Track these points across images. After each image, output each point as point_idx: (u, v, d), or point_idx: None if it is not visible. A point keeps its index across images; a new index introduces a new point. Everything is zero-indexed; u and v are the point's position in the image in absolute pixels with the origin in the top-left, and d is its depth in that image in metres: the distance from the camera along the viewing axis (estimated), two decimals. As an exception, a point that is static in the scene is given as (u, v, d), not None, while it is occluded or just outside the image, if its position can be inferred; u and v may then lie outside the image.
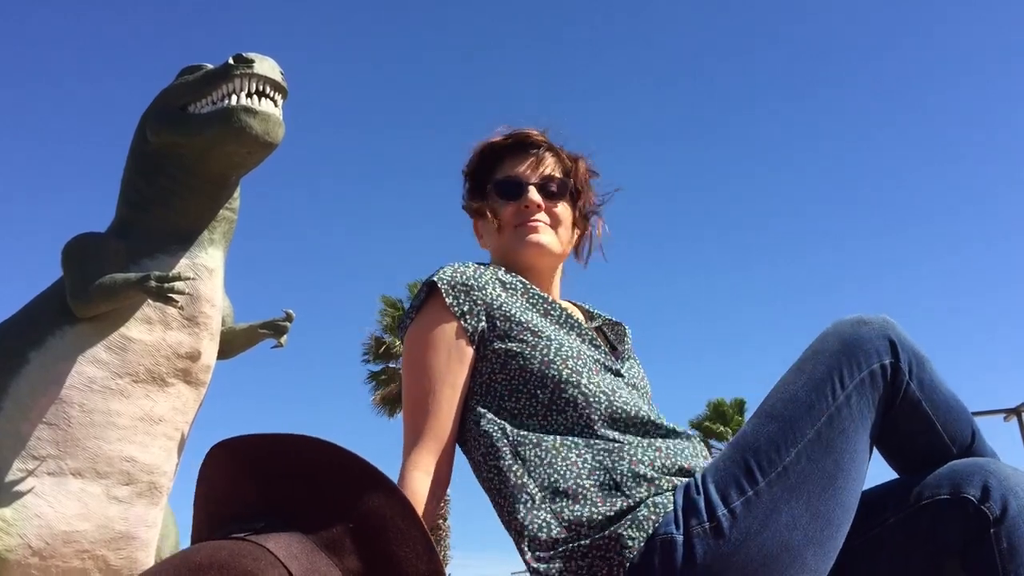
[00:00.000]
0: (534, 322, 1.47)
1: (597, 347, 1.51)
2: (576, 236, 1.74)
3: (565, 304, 1.66)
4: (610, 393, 1.42)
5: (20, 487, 2.84)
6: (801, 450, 1.27)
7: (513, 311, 1.48)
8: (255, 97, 3.00)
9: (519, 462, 1.37)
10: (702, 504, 1.26)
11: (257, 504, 0.85)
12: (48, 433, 2.89)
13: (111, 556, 2.96)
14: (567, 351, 1.44)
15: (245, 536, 0.80)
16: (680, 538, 1.23)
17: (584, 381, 1.41)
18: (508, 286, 1.53)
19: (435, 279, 1.51)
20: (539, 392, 1.41)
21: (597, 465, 1.33)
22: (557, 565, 1.28)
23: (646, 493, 1.30)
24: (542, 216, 1.63)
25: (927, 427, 1.34)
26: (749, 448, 1.30)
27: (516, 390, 1.44)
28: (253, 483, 0.85)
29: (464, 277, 1.50)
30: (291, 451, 0.84)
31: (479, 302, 1.48)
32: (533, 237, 1.61)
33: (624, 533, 1.26)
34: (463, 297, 1.48)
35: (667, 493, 1.30)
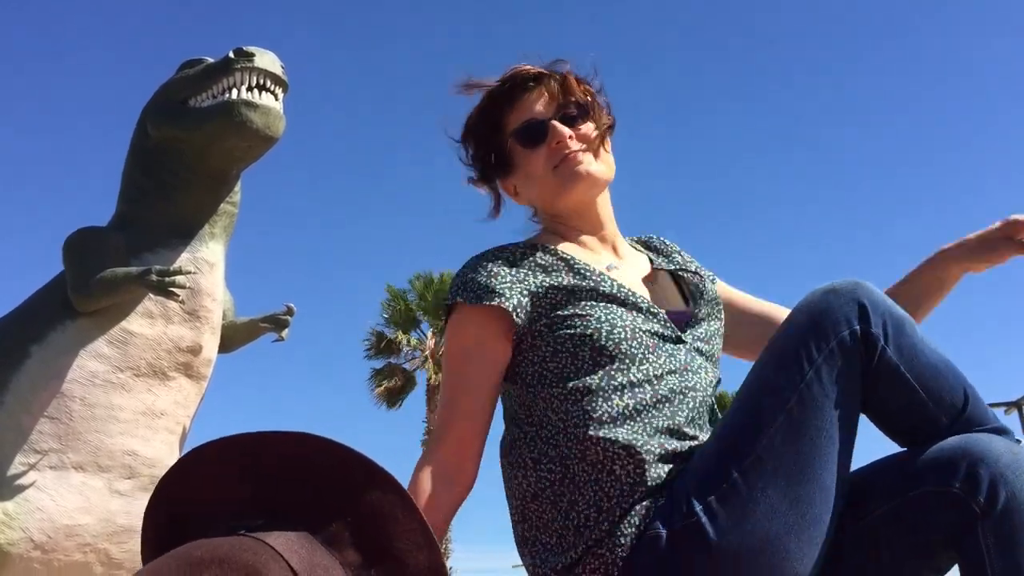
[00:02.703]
0: (581, 305, 1.40)
1: (655, 316, 1.42)
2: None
3: (619, 265, 1.53)
4: (658, 376, 1.35)
5: (22, 481, 2.85)
6: (773, 434, 1.22)
7: (557, 298, 1.40)
8: (256, 91, 3.00)
9: (560, 458, 1.34)
10: (683, 500, 1.24)
11: (254, 502, 0.85)
12: (50, 427, 2.89)
13: (113, 550, 2.97)
14: (619, 333, 1.37)
15: (244, 532, 0.80)
16: (664, 534, 1.23)
17: (635, 364, 1.35)
18: (550, 268, 1.44)
19: (464, 282, 1.44)
20: (589, 378, 1.35)
21: (613, 460, 1.30)
22: (561, 560, 1.29)
23: (645, 490, 1.28)
24: (575, 144, 1.49)
25: (910, 394, 1.25)
26: (723, 439, 1.27)
27: (567, 377, 1.38)
28: (249, 481, 0.85)
29: (499, 278, 1.42)
30: (286, 448, 0.84)
31: (522, 294, 1.41)
32: (580, 168, 1.48)
33: (618, 530, 1.26)
34: (497, 299, 1.40)
35: (662, 488, 1.29)
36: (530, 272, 1.44)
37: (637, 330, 1.38)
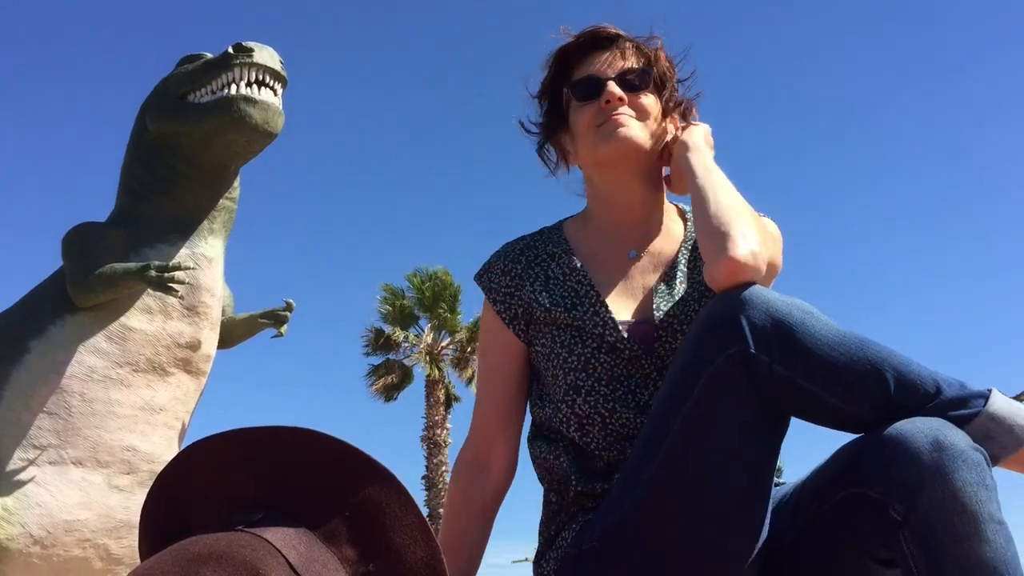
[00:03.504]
0: (553, 332, 1.44)
1: (620, 350, 1.39)
2: (667, 133, 1.52)
3: (642, 252, 1.50)
4: (603, 418, 1.38)
5: (21, 476, 2.85)
6: (660, 464, 1.18)
7: (543, 313, 1.45)
8: (255, 86, 3.00)
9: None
10: (590, 527, 1.29)
11: (253, 497, 0.86)
12: (49, 422, 2.90)
13: (112, 545, 2.97)
14: (573, 367, 1.41)
15: (242, 528, 0.80)
16: (573, 553, 1.30)
17: (579, 396, 1.40)
18: (551, 285, 1.47)
19: (487, 271, 1.54)
20: (559, 401, 1.43)
21: (565, 472, 1.39)
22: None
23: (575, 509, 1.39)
24: (626, 109, 1.45)
25: (816, 400, 1.15)
26: (626, 465, 1.27)
27: (542, 383, 1.50)
28: (247, 477, 0.86)
29: (500, 285, 1.52)
30: (285, 443, 0.84)
31: (518, 304, 1.49)
32: (620, 132, 1.43)
33: (555, 541, 1.38)
34: (502, 306, 1.51)
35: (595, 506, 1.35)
36: (535, 284, 1.49)
37: (593, 365, 1.40)
